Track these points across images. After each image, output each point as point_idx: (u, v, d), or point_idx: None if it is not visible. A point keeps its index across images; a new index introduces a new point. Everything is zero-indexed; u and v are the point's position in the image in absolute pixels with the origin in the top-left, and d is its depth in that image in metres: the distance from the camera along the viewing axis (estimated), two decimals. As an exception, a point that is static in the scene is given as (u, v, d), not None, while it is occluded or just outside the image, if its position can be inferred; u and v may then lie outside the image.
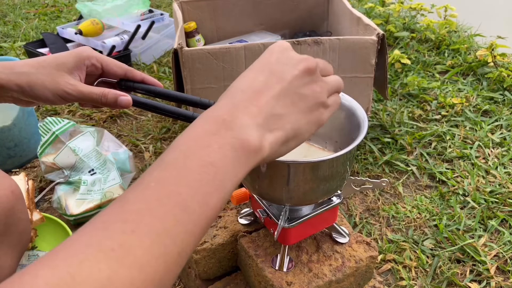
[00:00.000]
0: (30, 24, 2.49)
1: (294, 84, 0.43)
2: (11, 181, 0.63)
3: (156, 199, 0.33)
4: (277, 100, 0.42)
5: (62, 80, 0.59)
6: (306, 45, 1.18)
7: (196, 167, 0.35)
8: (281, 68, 0.43)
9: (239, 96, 0.41)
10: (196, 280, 0.89)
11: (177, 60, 1.18)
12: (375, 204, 1.21)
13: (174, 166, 0.36)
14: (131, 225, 0.31)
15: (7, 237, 0.62)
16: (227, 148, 0.37)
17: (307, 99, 0.44)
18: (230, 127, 0.38)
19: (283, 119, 0.42)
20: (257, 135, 0.39)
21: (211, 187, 0.35)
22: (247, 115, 0.39)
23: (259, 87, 0.42)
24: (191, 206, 0.34)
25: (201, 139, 0.37)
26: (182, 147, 0.37)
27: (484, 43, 2.12)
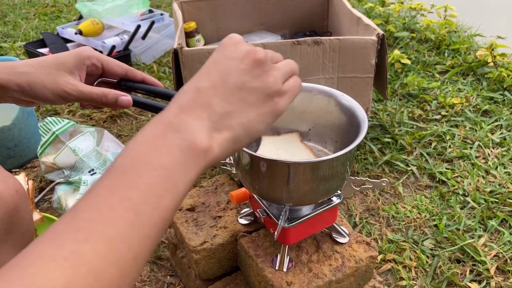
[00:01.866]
0: (30, 24, 2.49)
1: (241, 80, 0.42)
2: (16, 181, 0.63)
3: (107, 206, 0.33)
4: (222, 99, 0.41)
5: (62, 80, 0.59)
6: (306, 45, 1.18)
7: (146, 170, 0.36)
8: (228, 64, 0.43)
9: (185, 97, 0.41)
10: (196, 280, 0.89)
11: (177, 60, 1.18)
12: (375, 204, 1.21)
13: (123, 172, 0.36)
14: (84, 233, 0.31)
15: (11, 236, 0.62)
16: (175, 150, 0.37)
17: (257, 92, 0.43)
18: (177, 129, 0.38)
19: (230, 118, 0.41)
20: (204, 136, 0.39)
21: (163, 190, 0.36)
22: (193, 116, 0.40)
23: (205, 87, 0.42)
24: (143, 210, 0.34)
25: (150, 142, 0.38)
26: (131, 152, 0.37)
27: (484, 43, 2.12)
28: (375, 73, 1.24)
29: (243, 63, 0.43)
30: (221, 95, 0.42)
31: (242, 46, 0.44)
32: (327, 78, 1.23)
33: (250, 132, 0.43)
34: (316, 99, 0.74)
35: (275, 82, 0.44)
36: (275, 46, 1.18)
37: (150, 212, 0.34)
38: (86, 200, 0.34)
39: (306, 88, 0.75)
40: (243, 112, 0.42)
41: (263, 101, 0.43)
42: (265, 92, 0.43)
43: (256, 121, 0.43)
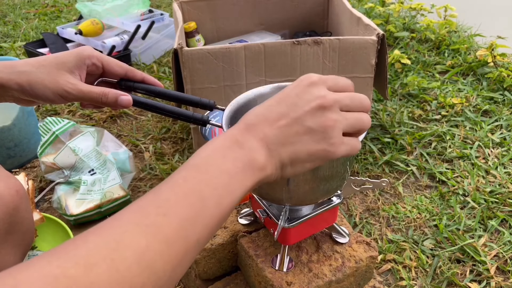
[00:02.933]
0: (30, 24, 2.49)
1: (302, 118, 0.47)
2: (16, 181, 0.63)
3: (183, 193, 0.40)
4: (282, 130, 0.47)
5: (62, 79, 0.59)
6: (306, 45, 1.18)
7: (215, 172, 0.43)
8: (296, 102, 0.48)
9: (253, 120, 0.48)
10: (196, 280, 0.89)
11: (177, 60, 1.18)
12: (375, 204, 1.21)
13: (197, 169, 0.43)
14: (163, 210, 0.38)
15: (12, 236, 0.62)
16: (239, 162, 0.44)
17: (313, 132, 0.47)
18: (242, 146, 0.46)
19: (284, 147, 0.47)
20: (263, 157, 0.46)
21: (225, 191, 0.43)
22: (256, 138, 0.46)
23: (271, 116, 0.48)
24: (209, 203, 0.41)
25: (219, 151, 0.45)
26: (203, 154, 0.45)
27: (484, 43, 2.12)
28: (375, 73, 1.24)
29: (309, 105, 0.47)
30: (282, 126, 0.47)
31: (315, 88, 0.49)
32: (327, 78, 1.23)
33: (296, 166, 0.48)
34: (316, 99, 0.74)
35: (333, 128, 0.48)
36: (275, 46, 1.18)
37: (213, 207, 0.41)
38: (166, 184, 0.41)
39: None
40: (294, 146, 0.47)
41: (317, 141, 0.48)
42: (321, 136, 0.47)
43: (303, 158, 0.48)
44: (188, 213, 0.39)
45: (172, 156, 1.40)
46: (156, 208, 0.38)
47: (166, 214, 0.38)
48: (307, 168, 0.49)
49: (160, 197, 0.40)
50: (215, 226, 0.42)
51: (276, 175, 0.48)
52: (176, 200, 0.40)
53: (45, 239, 1.04)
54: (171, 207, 0.39)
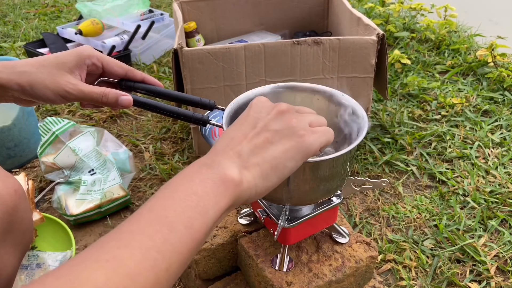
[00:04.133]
0: (30, 24, 2.49)
1: (266, 125, 0.49)
2: (14, 180, 0.63)
3: (146, 222, 0.39)
4: (250, 142, 0.48)
5: (63, 80, 0.59)
6: (306, 45, 1.18)
7: (181, 196, 0.42)
8: (256, 117, 0.50)
9: (219, 145, 0.48)
10: (196, 280, 0.89)
11: (177, 60, 1.18)
12: (375, 204, 1.21)
13: (163, 198, 0.42)
14: (124, 241, 0.37)
15: (10, 236, 0.62)
16: (207, 181, 0.43)
17: (281, 132, 0.49)
18: (211, 166, 0.45)
19: (257, 156, 0.47)
20: (234, 171, 0.45)
21: (195, 212, 0.41)
22: (225, 157, 0.46)
23: (236, 135, 0.49)
24: (177, 227, 0.39)
25: (186, 177, 0.44)
26: (170, 184, 0.44)
27: (484, 43, 2.12)
28: (375, 73, 1.24)
29: (269, 114, 0.50)
30: (249, 139, 0.48)
31: (268, 103, 0.52)
32: (327, 78, 1.23)
33: (278, 169, 0.48)
34: (316, 99, 0.74)
35: (298, 122, 0.50)
36: (275, 46, 1.18)
37: (183, 230, 0.39)
38: (129, 219, 0.40)
39: (306, 88, 0.75)
40: (268, 151, 0.48)
41: (288, 139, 0.49)
42: (289, 132, 0.49)
43: (283, 157, 0.48)
44: (153, 243, 0.37)
45: (172, 156, 1.40)
46: (116, 241, 0.37)
47: (128, 245, 0.36)
48: (290, 168, 0.49)
49: (122, 231, 0.38)
50: (188, 251, 0.39)
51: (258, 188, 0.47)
52: (139, 230, 0.38)
53: (45, 239, 1.04)
54: (133, 238, 0.37)
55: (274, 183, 0.48)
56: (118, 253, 0.35)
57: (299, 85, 0.75)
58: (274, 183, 0.48)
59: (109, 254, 0.35)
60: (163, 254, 0.37)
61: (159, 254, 0.37)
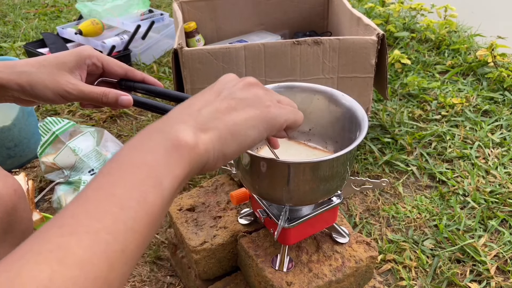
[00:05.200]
0: (30, 24, 2.49)
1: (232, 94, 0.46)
2: (14, 180, 0.63)
3: (93, 203, 0.34)
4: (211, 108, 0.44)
5: (63, 79, 0.59)
6: (306, 45, 1.18)
7: (130, 168, 0.37)
8: (222, 85, 0.47)
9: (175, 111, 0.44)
10: (196, 280, 0.89)
11: (177, 60, 1.18)
12: (375, 204, 1.21)
13: (109, 173, 0.37)
14: (68, 228, 0.32)
15: (10, 236, 0.62)
16: (158, 149, 0.39)
17: (246, 100, 0.46)
18: (162, 131, 0.40)
19: (217, 120, 0.43)
20: (188, 134, 0.40)
21: (147, 185, 0.37)
22: (179, 121, 0.42)
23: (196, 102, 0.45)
24: (128, 204, 0.35)
25: (134, 146, 0.39)
26: (117, 157, 0.39)
27: (484, 43, 2.12)
28: (375, 73, 1.24)
29: (236, 85, 0.47)
30: (211, 105, 0.44)
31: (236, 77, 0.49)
32: (327, 78, 1.23)
33: (238, 135, 0.44)
34: (316, 99, 0.74)
35: (266, 94, 0.47)
36: (275, 46, 1.18)
37: (135, 206, 0.35)
38: (73, 201, 0.35)
39: (306, 88, 0.75)
40: (230, 116, 0.44)
41: (252, 107, 0.46)
42: (255, 100, 0.46)
43: (244, 124, 0.44)
44: (103, 224, 0.33)
45: (172, 156, 1.40)
46: (59, 229, 0.32)
47: (73, 232, 0.32)
48: (252, 137, 0.45)
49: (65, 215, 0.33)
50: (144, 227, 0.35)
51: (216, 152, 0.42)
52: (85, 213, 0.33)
53: (45, 239, 1.04)
54: (78, 222, 0.32)
55: (233, 151, 0.44)
56: (63, 241, 0.31)
57: (299, 85, 0.75)
58: (233, 150, 0.44)
59: (52, 244, 0.31)
60: (115, 235, 0.33)
61: (110, 236, 0.33)
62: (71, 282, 0.29)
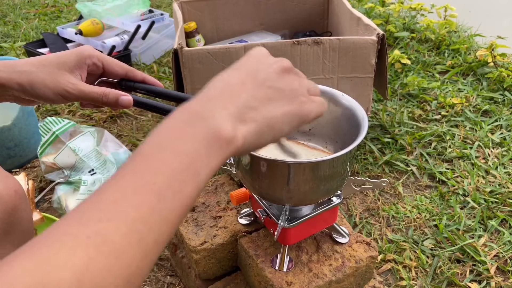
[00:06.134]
0: (30, 24, 2.49)
1: (269, 80, 0.45)
2: (14, 181, 0.63)
3: (131, 189, 0.34)
4: (249, 94, 0.43)
5: (63, 79, 0.59)
6: (306, 45, 1.18)
7: (170, 157, 0.36)
8: (257, 67, 0.45)
9: (213, 91, 0.43)
10: (196, 280, 0.89)
11: (177, 60, 1.18)
12: (375, 204, 1.21)
13: (148, 157, 0.36)
14: (107, 214, 0.32)
15: (11, 236, 0.62)
16: (200, 138, 0.38)
17: (283, 92, 0.45)
18: (203, 117, 0.39)
19: (256, 111, 0.42)
20: (230, 126, 0.40)
21: (185, 176, 0.36)
22: (220, 106, 0.41)
23: (233, 83, 0.43)
24: (166, 194, 0.35)
25: (174, 130, 0.39)
26: (156, 138, 0.38)
27: (484, 43, 2.12)
28: (375, 73, 1.24)
29: (271, 67, 0.45)
30: (249, 90, 0.43)
31: (269, 56, 0.47)
32: (327, 78, 1.23)
33: (274, 129, 0.44)
34: (316, 99, 0.74)
35: (300, 86, 0.47)
36: (275, 46, 1.18)
37: (172, 197, 0.35)
38: (111, 183, 0.35)
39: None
40: (269, 108, 0.43)
41: (289, 101, 0.45)
42: (291, 94, 0.45)
43: (281, 119, 0.44)
44: (140, 213, 0.33)
45: (172, 156, 1.40)
46: (98, 213, 0.32)
47: (111, 219, 0.32)
48: (286, 131, 0.45)
49: (103, 199, 0.33)
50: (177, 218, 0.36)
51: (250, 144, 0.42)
52: (123, 200, 0.33)
53: (45, 239, 1.04)
54: (117, 209, 0.32)
55: (266, 142, 0.44)
56: (101, 227, 0.31)
57: (299, 85, 0.75)
58: (266, 142, 0.44)
59: (90, 229, 0.31)
60: (150, 226, 0.33)
61: (146, 226, 0.33)
62: (106, 270, 0.30)
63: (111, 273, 0.30)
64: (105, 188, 0.34)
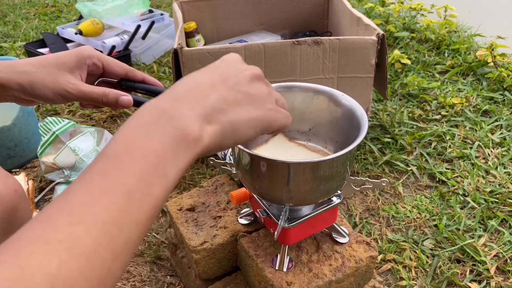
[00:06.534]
0: (30, 24, 2.49)
1: (239, 84, 0.45)
2: (14, 180, 0.63)
3: (100, 191, 0.34)
4: (218, 96, 0.43)
5: (63, 79, 0.59)
6: (306, 45, 1.18)
7: (138, 157, 0.36)
8: (228, 72, 0.46)
9: (182, 89, 0.43)
10: (196, 280, 0.89)
11: (177, 60, 1.18)
12: (375, 204, 1.21)
13: (116, 158, 0.36)
14: (77, 217, 0.32)
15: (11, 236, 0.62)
16: (167, 138, 0.38)
17: (251, 97, 0.46)
18: (170, 116, 0.39)
19: (222, 113, 0.43)
20: (196, 126, 0.40)
21: (154, 177, 0.36)
22: (187, 106, 0.41)
23: (203, 83, 0.44)
24: (135, 196, 0.35)
25: (142, 129, 0.38)
26: (123, 137, 0.38)
27: (484, 43, 2.12)
28: (375, 73, 1.24)
29: (242, 73, 0.46)
30: (218, 92, 0.44)
31: (242, 63, 0.48)
32: (327, 78, 1.23)
33: (237, 133, 0.44)
34: (316, 99, 0.74)
35: (269, 95, 0.48)
36: (275, 46, 1.18)
37: (141, 198, 0.35)
38: (78, 184, 0.34)
39: (306, 88, 0.75)
40: (235, 112, 0.44)
41: (256, 107, 0.46)
42: (259, 101, 0.46)
43: (245, 124, 0.45)
44: (110, 215, 0.33)
45: (172, 156, 1.40)
46: (68, 217, 0.32)
47: (81, 222, 0.32)
48: (248, 136, 0.46)
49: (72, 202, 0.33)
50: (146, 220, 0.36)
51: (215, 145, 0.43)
52: (92, 202, 0.33)
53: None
54: (86, 212, 0.32)
55: (228, 145, 0.45)
56: (72, 230, 0.31)
57: (299, 85, 0.75)
58: (228, 145, 0.45)
59: (61, 233, 0.31)
60: (120, 227, 0.33)
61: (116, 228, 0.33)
62: (78, 272, 0.30)
63: (83, 275, 0.30)
64: (73, 190, 0.34)
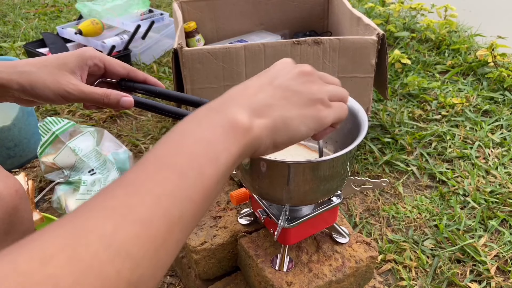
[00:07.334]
0: (30, 24, 2.49)
1: (287, 82, 0.46)
2: (15, 181, 0.63)
3: (155, 169, 0.36)
4: (265, 94, 0.45)
5: (63, 80, 0.59)
6: (306, 45, 1.18)
7: (190, 142, 0.39)
8: (277, 72, 0.48)
9: (232, 92, 0.45)
10: (196, 280, 0.89)
11: (177, 60, 1.18)
12: (375, 204, 1.21)
13: (170, 144, 0.39)
14: (132, 188, 0.34)
15: (11, 236, 0.62)
16: (217, 126, 0.41)
17: (301, 95, 0.46)
18: (219, 111, 0.42)
19: (271, 108, 0.44)
20: (245, 116, 0.42)
21: (205, 158, 0.38)
22: (236, 104, 0.43)
23: (251, 86, 0.46)
24: (187, 173, 0.37)
25: (193, 121, 0.41)
26: (177, 129, 0.41)
27: (484, 43, 2.12)
28: (375, 73, 1.24)
29: (291, 72, 0.47)
30: (266, 92, 0.45)
31: (292, 64, 0.49)
32: (327, 78, 1.23)
33: (289, 129, 0.45)
34: (316, 99, 0.74)
35: (319, 90, 0.48)
36: (275, 46, 1.18)
37: (193, 177, 0.37)
38: (135, 166, 0.37)
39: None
40: (284, 108, 0.45)
41: (306, 104, 0.46)
42: (308, 97, 0.46)
43: (296, 120, 0.45)
44: (163, 189, 0.35)
45: (172, 156, 1.40)
46: (123, 188, 0.34)
47: (136, 193, 0.34)
48: (302, 133, 0.46)
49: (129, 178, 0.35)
50: (200, 199, 0.37)
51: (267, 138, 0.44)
52: (147, 178, 0.35)
53: (45, 239, 1.04)
54: (141, 184, 0.35)
55: (283, 141, 0.45)
56: (127, 200, 0.33)
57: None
58: (283, 141, 0.45)
59: (116, 201, 0.33)
60: (174, 201, 0.35)
61: (170, 201, 0.34)
62: (134, 237, 0.31)
63: (139, 240, 0.31)
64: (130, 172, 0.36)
